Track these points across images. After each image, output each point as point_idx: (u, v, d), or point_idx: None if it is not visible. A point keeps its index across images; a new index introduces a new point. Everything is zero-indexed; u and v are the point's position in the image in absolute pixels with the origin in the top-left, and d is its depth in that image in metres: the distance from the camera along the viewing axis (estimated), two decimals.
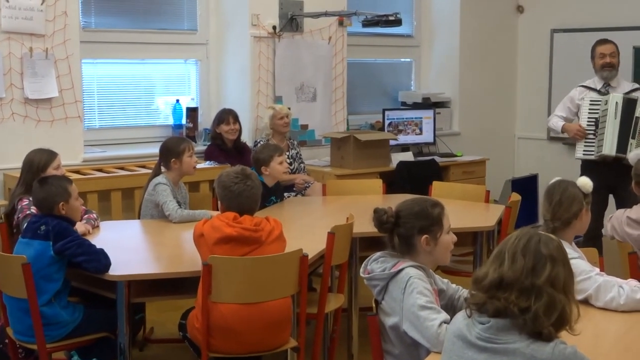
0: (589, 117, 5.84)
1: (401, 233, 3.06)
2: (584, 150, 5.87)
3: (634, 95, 5.84)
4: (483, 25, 8.20)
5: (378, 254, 3.11)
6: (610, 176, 5.66)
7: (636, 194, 3.98)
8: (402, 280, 2.93)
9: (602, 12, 7.77)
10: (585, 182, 3.38)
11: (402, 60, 8.23)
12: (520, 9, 8.49)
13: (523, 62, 8.56)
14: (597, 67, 5.99)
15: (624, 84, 6.02)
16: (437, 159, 7.15)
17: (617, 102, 5.70)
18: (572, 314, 2.23)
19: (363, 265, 3.11)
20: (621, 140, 5.71)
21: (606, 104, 5.76)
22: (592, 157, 5.81)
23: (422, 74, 8.26)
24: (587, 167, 5.88)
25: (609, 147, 5.71)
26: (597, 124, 5.78)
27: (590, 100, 5.86)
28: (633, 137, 5.68)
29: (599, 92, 5.92)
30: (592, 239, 5.41)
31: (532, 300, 2.18)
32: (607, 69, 5.93)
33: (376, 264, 3.06)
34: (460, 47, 8.03)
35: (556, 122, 6.09)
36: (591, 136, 5.82)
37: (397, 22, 6.33)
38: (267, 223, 3.61)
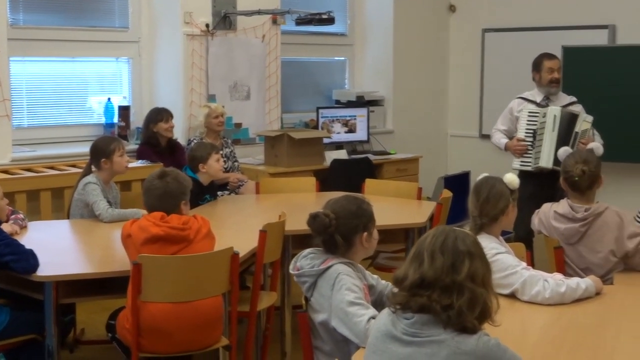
0: (527, 129, 5.81)
1: (343, 233, 3.06)
2: (522, 162, 5.81)
3: (573, 108, 5.87)
4: (416, 24, 8.28)
5: (307, 250, 3.11)
6: (545, 186, 5.64)
7: (563, 189, 4.04)
8: (330, 277, 2.95)
9: (532, 13, 7.91)
10: (512, 179, 3.43)
11: (336, 58, 8.26)
12: (452, 9, 8.60)
13: (455, 61, 8.67)
14: (543, 82, 5.93)
15: (562, 97, 6.00)
16: (371, 156, 7.19)
17: (555, 115, 5.66)
18: (492, 306, 2.27)
19: (292, 262, 3.12)
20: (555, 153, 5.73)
21: (544, 116, 5.72)
22: (529, 169, 5.81)
23: (356, 72, 8.30)
24: (524, 176, 5.92)
25: (546, 160, 5.69)
26: (535, 135, 5.77)
27: (529, 112, 5.83)
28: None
29: (538, 104, 5.92)
30: (526, 235, 5.48)
31: (454, 297, 2.21)
32: (555, 84, 5.93)
33: (305, 261, 3.06)
34: (394, 46, 8.09)
35: (499, 140, 6.05)
36: (529, 147, 5.81)
37: (330, 21, 6.37)
38: (195, 221, 3.59)
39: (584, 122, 5.67)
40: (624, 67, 7.03)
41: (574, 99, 6.00)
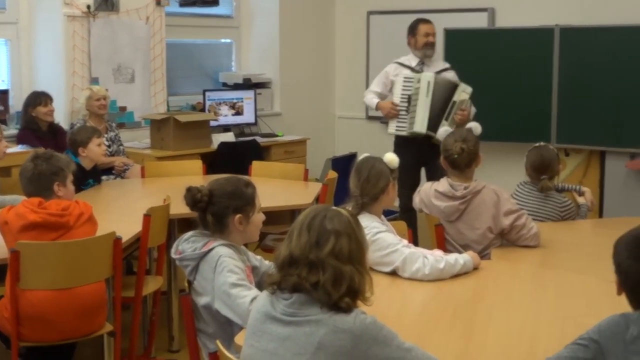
0: (402, 94, 6.02)
1: (214, 212, 3.06)
2: (397, 126, 6.06)
3: (446, 74, 6.08)
4: (302, 6, 8.30)
5: (189, 233, 3.10)
6: (421, 152, 5.93)
7: (444, 168, 4.14)
8: (212, 260, 2.95)
9: None
10: (391, 158, 3.50)
11: (223, 41, 8.21)
12: None
13: (341, 44, 8.73)
14: (418, 45, 6.15)
15: (437, 63, 6.25)
16: (259, 139, 7.19)
17: (429, 81, 5.90)
18: (363, 285, 2.30)
19: (174, 245, 3.10)
20: (433, 119, 5.93)
21: (419, 82, 5.95)
22: (404, 133, 6.01)
23: (243, 54, 8.26)
24: (400, 144, 6.11)
25: (420, 125, 5.92)
26: (410, 101, 5.97)
27: (404, 78, 6.04)
28: (446, 119, 5.92)
29: (412, 69, 6.12)
30: (407, 212, 5.65)
31: (320, 274, 2.23)
32: (430, 47, 6.15)
33: (187, 244, 3.05)
34: (280, 28, 8.09)
35: (371, 99, 6.24)
36: (404, 112, 6.00)
37: (215, 2, 6.36)
38: (76, 206, 3.53)
39: (463, 92, 5.94)
40: (502, 49, 7.24)
41: (447, 65, 6.29)
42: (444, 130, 4.27)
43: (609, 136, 6.85)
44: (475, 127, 4.24)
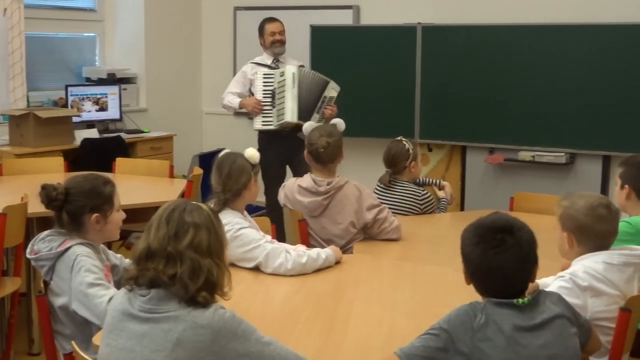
0: (264, 90, 6.09)
1: (70, 210, 2.98)
2: (263, 121, 6.09)
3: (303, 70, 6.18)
4: (168, 0, 8.19)
5: (45, 232, 3.02)
6: (286, 148, 5.99)
7: (308, 163, 4.18)
8: (69, 259, 2.88)
9: None
10: (252, 153, 3.51)
11: (86, 35, 8.00)
12: None
13: (208, 39, 8.68)
14: (267, 44, 6.35)
15: (290, 60, 6.38)
16: (124, 135, 7.06)
17: (293, 73, 6.00)
18: (222, 279, 2.31)
19: (29, 245, 3.00)
20: (303, 110, 6.00)
21: (282, 75, 6.02)
22: (272, 127, 6.05)
23: (107, 49, 8.08)
24: (264, 140, 6.16)
25: (290, 115, 5.96)
26: (274, 95, 6.03)
27: (264, 74, 6.12)
28: (317, 112, 6.02)
29: (269, 67, 6.24)
30: (274, 208, 5.67)
31: (177, 266, 2.23)
32: (278, 45, 6.28)
33: (43, 244, 2.97)
34: (145, 22, 7.95)
35: (232, 100, 6.28)
36: (268, 107, 6.06)
37: None
38: None
39: (332, 89, 6.08)
40: (367, 46, 7.36)
41: (301, 63, 6.46)
42: (309, 124, 4.31)
43: (469, 132, 7.07)
44: (339, 123, 4.30)
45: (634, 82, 6.32)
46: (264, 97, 6.06)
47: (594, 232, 2.79)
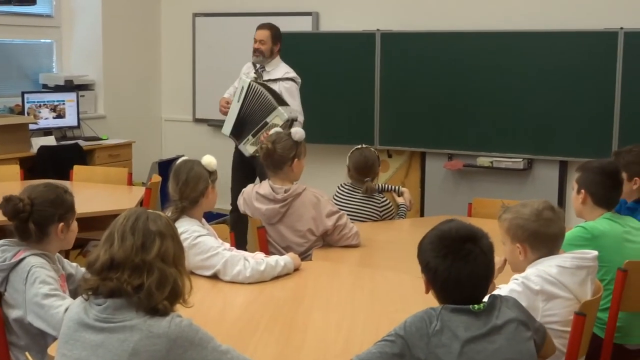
0: (234, 93, 6.00)
1: (37, 221, 2.95)
2: (225, 126, 6.01)
3: (284, 84, 6.03)
4: (125, 6, 8.14)
5: None
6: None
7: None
8: (23, 270, 2.84)
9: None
10: (209, 160, 3.49)
11: (42, 41, 7.91)
12: None
13: (167, 45, 8.64)
14: (253, 50, 6.15)
15: (278, 70, 6.13)
16: (82, 142, 7.00)
17: (242, 87, 5.81)
18: (184, 287, 2.31)
19: None
20: (240, 126, 5.85)
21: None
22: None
23: (64, 55, 8.00)
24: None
25: (226, 128, 5.89)
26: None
27: (240, 79, 6.01)
28: (253, 136, 5.79)
29: (255, 71, 6.10)
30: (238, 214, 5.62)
31: (144, 276, 2.22)
32: (256, 54, 6.11)
33: None
34: (103, 28, 7.88)
35: (222, 97, 6.18)
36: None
37: (31, 1, 6.11)
38: None
39: (277, 117, 5.69)
40: (327, 53, 7.39)
41: (290, 74, 6.11)
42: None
43: (428, 138, 7.12)
44: (295, 131, 4.25)
45: (590, 88, 6.41)
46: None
47: (546, 236, 2.83)
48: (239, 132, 5.81)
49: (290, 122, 5.65)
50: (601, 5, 6.55)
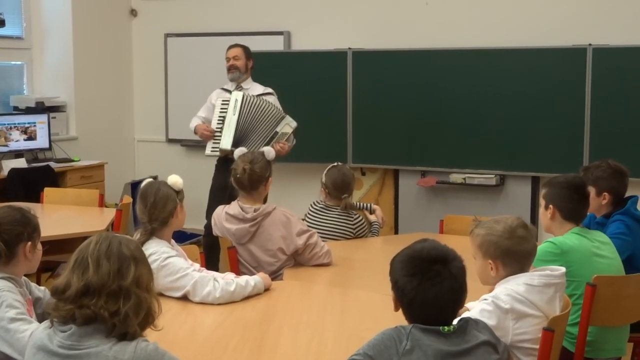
0: (219, 117, 5.97)
1: (7, 240, 2.91)
2: (212, 148, 5.99)
3: (267, 98, 6.04)
4: (96, 27, 8.12)
5: None
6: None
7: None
8: None
9: (212, 19, 8.07)
10: (175, 180, 3.48)
11: (13, 63, 7.87)
12: (134, 13, 8.54)
13: (139, 66, 8.61)
14: (227, 70, 6.21)
15: (256, 87, 6.23)
16: (53, 164, 6.96)
17: (236, 99, 5.87)
18: (155, 311, 2.29)
19: None
20: (242, 138, 5.86)
21: (229, 101, 5.93)
22: (217, 154, 5.97)
23: (35, 77, 7.96)
24: (218, 166, 6.15)
25: (225, 142, 5.88)
26: (225, 121, 5.95)
27: (222, 100, 6.00)
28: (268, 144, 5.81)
29: (230, 92, 6.10)
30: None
31: (120, 302, 2.19)
32: (232, 71, 6.18)
33: None
34: (74, 50, 7.85)
35: (193, 123, 6.21)
36: (218, 134, 5.96)
37: (1, 23, 6.07)
38: None
39: (287, 125, 5.95)
40: (299, 72, 7.40)
41: (269, 90, 6.23)
42: (239, 150, 4.29)
43: (401, 155, 7.14)
44: (268, 151, 4.25)
45: (561, 104, 6.47)
46: (218, 123, 5.97)
47: (518, 253, 2.82)
48: (240, 145, 5.77)
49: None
50: (570, 22, 6.63)
